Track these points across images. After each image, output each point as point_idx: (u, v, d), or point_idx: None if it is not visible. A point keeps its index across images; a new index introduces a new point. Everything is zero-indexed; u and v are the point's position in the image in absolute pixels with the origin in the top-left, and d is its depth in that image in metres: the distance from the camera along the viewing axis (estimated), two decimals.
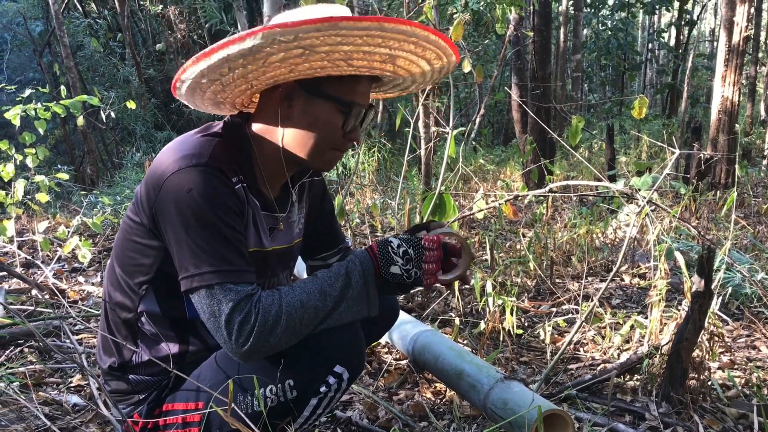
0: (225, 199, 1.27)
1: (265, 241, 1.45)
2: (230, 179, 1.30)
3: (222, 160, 1.30)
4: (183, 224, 1.25)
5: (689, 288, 2.02)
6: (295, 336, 1.27)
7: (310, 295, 1.29)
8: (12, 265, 3.70)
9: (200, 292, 1.24)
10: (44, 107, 3.59)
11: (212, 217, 1.24)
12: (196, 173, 1.25)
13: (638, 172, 5.47)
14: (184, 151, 1.29)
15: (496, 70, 8.89)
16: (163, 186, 1.26)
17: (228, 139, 1.37)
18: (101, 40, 11.92)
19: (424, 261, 1.35)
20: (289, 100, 1.37)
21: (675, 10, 14.64)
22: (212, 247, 1.24)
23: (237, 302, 1.22)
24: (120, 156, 10.70)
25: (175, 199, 1.24)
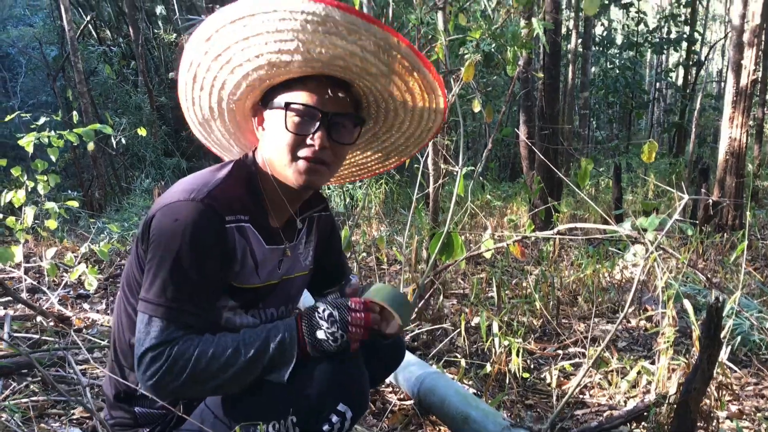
0: (206, 238, 1.31)
1: (262, 275, 1.48)
2: (223, 218, 1.35)
3: (221, 198, 1.35)
4: (158, 247, 1.30)
5: (698, 336, 2.01)
6: (201, 384, 1.30)
7: (225, 349, 1.31)
8: (18, 290, 3.70)
9: (142, 315, 1.30)
10: (57, 135, 3.62)
11: (184, 253, 1.29)
12: (188, 207, 1.30)
13: (645, 212, 5.47)
14: (189, 185, 1.35)
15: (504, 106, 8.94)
16: (159, 212, 1.32)
17: (237, 174, 1.43)
18: (115, 66, 12.07)
19: (349, 323, 1.36)
20: (261, 123, 1.45)
21: (683, 50, 14.75)
22: (171, 281, 1.29)
23: (158, 342, 1.28)
24: (128, 181, 10.76)
25: (161, 225, 1.30)
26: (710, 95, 16.19)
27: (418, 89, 1.44)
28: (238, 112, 1.47)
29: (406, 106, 1.50)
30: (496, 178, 12.83)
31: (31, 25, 14.81)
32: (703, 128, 14.38)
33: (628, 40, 14.57)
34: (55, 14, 12.86)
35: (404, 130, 1.60)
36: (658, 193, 8.92)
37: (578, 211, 7.27)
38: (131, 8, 11.09)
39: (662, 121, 18.39)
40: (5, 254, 3.32)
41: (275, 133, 1.40)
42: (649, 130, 19.10)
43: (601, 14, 13.36)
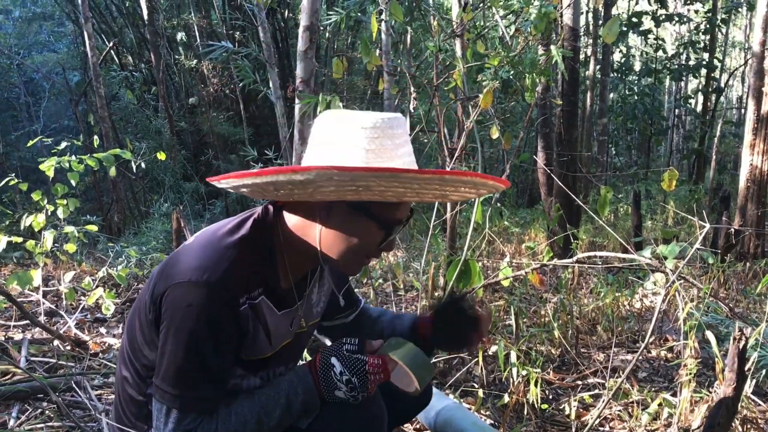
0: (221, 324, 1.27)
1: (275, 342, 1.44)
2: (237, 300, 1.30)
3: (236, 276, 1.29)
4: (170, 332, 1.27)
5: (721, 369, 1.96)
6: None
7: (246, 425, 1.31)
8: (36, 313, 3.72)
9: (158, 403, 1.30)
10: (78, 159, 3.66)
11: (199, 341, 1.26)
12: (202, 292, 1.25)
13: (665, 240, 5.40)
14: (201, 260, 1.28)
15: (522, 131, 8.94)
16: (170, 289, 1.28)
17: (254, 239, 1.36)
18: (136, 92, 12.23)
19: (369, 385, 1.35)
20: (328, 210, 1.34)
21: (702, 77, 14.71)
22: (186, 370, 1.27)
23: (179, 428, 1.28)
24: (147, 205, 10.84)
25: (174, 309, 1.26)
26: (730, 122, 16.10)
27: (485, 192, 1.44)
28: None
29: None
30: (514, 204, 12.78)
31: (55, 51, 15.11)
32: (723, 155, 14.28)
33: (646, 67, 14.55)
34: (79, 41, 13.12)
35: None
36: (677, 220, 8.83)
37: (597, 238, 7.21)
38: (153, 35, 11.27)
39: (681, 147, 18.28)
40: (24, 278, 3.35)
41: (358, 238, 1.34)
42: (668, 156, 19.00)
43: (619, 41, 13.36)
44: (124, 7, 12.63)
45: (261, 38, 7.05)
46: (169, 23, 11.46)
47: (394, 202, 1.31)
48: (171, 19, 11.60)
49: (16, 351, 2.98)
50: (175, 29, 11.69)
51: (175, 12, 11.94)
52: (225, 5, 12.15)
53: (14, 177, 3.99)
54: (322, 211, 1.34)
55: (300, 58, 3.84)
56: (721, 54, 16.93)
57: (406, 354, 1.40)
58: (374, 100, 12.17)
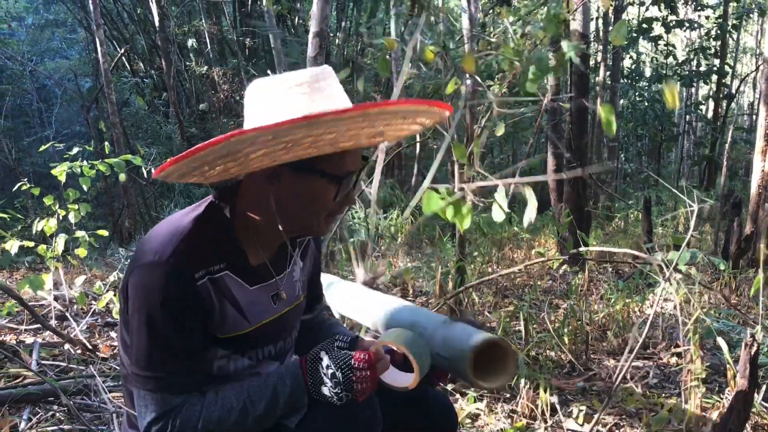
0: (176, 301, 1.27)
1: (252, 318, 1.42)
2: (192, 276, 1.29)
3: (188, 252, 1.29)
4: (133, 316, 1.28)
5: (732, 376, 1.95)
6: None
7: (231, 411, 1.31)
8: (47, 317, 3.74)
9: (136, 390, 1.30)
10: (89, 165, 3.68)
11: (157, 320, 1.26)
12: (154, 270, 1.26)
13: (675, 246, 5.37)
14: (155, 242, 1.29)
15: (532, 137, 8.93)
16: (130, 277, 1.29)
17: (208, 219, 1.36)
18: (147, 98, 12.31)
19: (354, 381, 1.31)
20: (275, 178, 1.33)
21: (713, 83, 14.65)
22: (152, 351, 1.27)
23: (158, 414, 1.28)
24: (158, 210, 10.89)
25: (133, 294, 1.28)
26: (741, 128, 16.02)
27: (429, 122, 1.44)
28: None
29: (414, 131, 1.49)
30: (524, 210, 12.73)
31: (67, 57, 15.22)
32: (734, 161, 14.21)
33: (657, 73, 14.50)
34: (90, 47, 13.21)
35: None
36: (688, 226, 8.78)
37: (607, 244, 7.18)
38: (164, 41, 11.34)
39: (692, 154, 18.20)
40: (36, 282, 3.36)
41: (311, 199, 1.34)
42: (678, 163, 18.91)
43: (629, 47, 13.34)
44: (136, 14, 12.72)
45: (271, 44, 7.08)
46: (179, 30, 11.53)
47: (337, 153, 1.28)
48: (182, 26, 11.67)
49: (27, 354, 3.00)
50: (186, 36, 11.77)
51: (185, 19, 12.01)
52: (235, 12, 12.22)
53: (26, 182, 4.02)
54: (271, 180, 1.33)
55: (309, 64, 3.85)
56: (732, 60, 16.87)
57: (407, 339, 1.39)
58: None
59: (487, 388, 1.34)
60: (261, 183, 1.35)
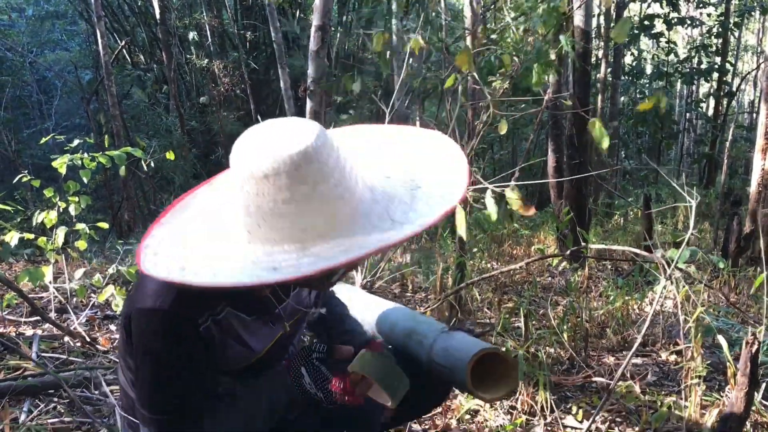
0: (181, 346, 1.27)
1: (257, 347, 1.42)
2: (195, 321, 1.27)
3: (189, 300, 1.25)
4: (140, 360, 1.28)
5: (732, 374, 1.96)
6: None
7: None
8: (47, 309, 3.74)
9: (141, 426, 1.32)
10: (90, 157, 3.68)
11: (163, 366, 1.26)
12: (157, 318, 1.24)
13: (675, 244, 5.37)
14: (156, 284, 1.25)
15: (532, 134, 8.92)
16: (132, 314, 1.28)
17: None
18: (147, 90, 12.28)
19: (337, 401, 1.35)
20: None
21: (714, 81, 14.62)
22: (159, 394, 1.28)
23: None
24: (158, 203, 10.88)
25: (137, 335, 1.27)
26: (742, 126, 16.01)
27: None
28: None
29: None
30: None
31: (67, 49, 15.19)
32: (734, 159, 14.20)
33: (658, 70, 14.49)
34: (91, 39, 13.18)
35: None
36: (688, 224, 8.79)
37: (606, 241, 7.18)
38: (165, 34, 11.31)
39: (692, 151, 18.19)
40: (36, 274, 3.36)
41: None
42: (678, 160, 18.90)
43: (630, 44, 13.31)
44: (137, 6, 12.68)
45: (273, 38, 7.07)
46: (180, 22, 11.49)
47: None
48: (183, 19, 11.63)
49: (27, 346, 3.00)
50: (187, 29, 11.73)
51: (187, 11, 11.97)
52: (237, 5, 12.18)
53: (26, 174, 4.01)
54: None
55: (311, 58, 3.85)
56: (733, 58, 16.84)
57: (373, 367, 1.34)
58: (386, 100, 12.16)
59: (488, 400, 1.33)
60: None
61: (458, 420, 2.46)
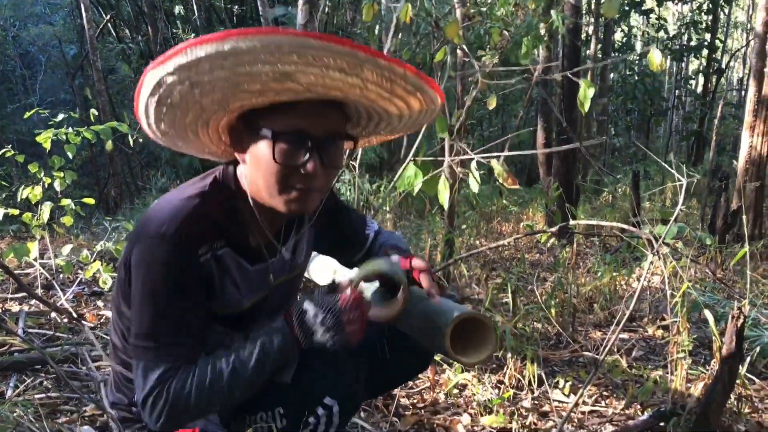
0: (179, 276, 1.28)
1: (248, 296, 1.44)
2: (195, 252, 1.30)
3: (193, 228, 1.28)
4: (138, 291, 1.29)
5: (718, 348, 1.97)
6: (208, 410, 1.34)
7: (222, 375, 1.30)
8: (33, 286, 3.72)
9: (135, 360, 1.31)
10: (75, 132, 3.63)
11: (160, 293, 1.27)
12: (159, 246, 1.26)
13: (663, 221, 5.40)
14: (160, 216, 1.29)
15: (522, 110, 8.90)
16: (134, 249, 1.29)
17: (213, 194, 1.35)
18: (133, 65, 12.14)
19: (345, 324, 1.31)
20: (240, 143, 1.31)
21: (703, 58, 14.63)
22: (153, 323, 1.28)
23: (154, 385, 1.28)
24: (144, 179, 10.81)
25: (137, 266, 1.28)
26: (730, 103, 16.05)
27: (417, 104, 1.32)
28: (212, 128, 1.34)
29: (402, 116, 1.38)
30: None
31: (51, 23, 14.95)
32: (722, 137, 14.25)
33: (647, 47, 14.46)
34: (75, 13, 12.98)
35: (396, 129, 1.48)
36: (675, 201, 8.83)
37: (595, 218, 7.21)
38: (150, 8, 11.16)
39: (681, 128, 18.24)
40: (22, 250, 3.34)
41: (261, 162, 1.27)
42: (667, 137, 18.95)
43: (621, 20, 13.28)
44: None
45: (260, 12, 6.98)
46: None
47: (283, 110, 1.22)
48: None
49: (13, 323, 2.98)
50: (174, 2, 11.57)
51: None
52: None
53: (10, 149, 3.96)
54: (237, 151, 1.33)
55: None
56: (722, 35, 16.83)
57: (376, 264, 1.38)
58: None
59: (466, 364, 1.33)
60: (234, 152, 1.35)
61: (446, 394, 2.47)
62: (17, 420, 1.74)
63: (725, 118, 13.98)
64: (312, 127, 1.25)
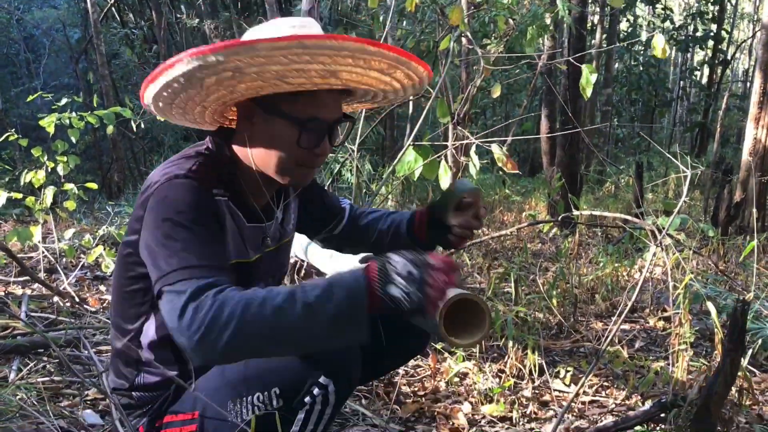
0: (201, 204, 1.31)
1: (250, 251, 1.48)
2: (210, 190, 1.35)
3: (203, 174, 1.34)
4: (158, 231, 1.28)
5: (720, 340, 1.97)
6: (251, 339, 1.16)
7: (277, 294, 1.17)
8: (36, 270, 3.73)
9: (168, 290, 1.22)
10: (78, 117, 3.63)
11: (186, 219, 1.28)
12: (176, 184, 1.30)
13: (666, 212, 5.39)
14: (166, 170, 1.34)
15: (526, 99, 8.87)
16: (148, 205, 1.31)
17: (211, 158, 1.42)
18: (137, 50, 12.10)
19: (429, 283, 1.17)
20: (249, 120, 1.39)
21: (709, 48, 14.55)
22: (185, 248, 1.25)
23: (195, 290, 1.18)
24: (147, 164, 10.81)
25: (154, 210, 1.29)
26: (735, 95, 15.99)
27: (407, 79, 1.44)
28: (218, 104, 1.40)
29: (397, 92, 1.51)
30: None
31: (55, 6, 14.86)
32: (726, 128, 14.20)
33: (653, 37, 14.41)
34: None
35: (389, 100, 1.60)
36: (678, 192, 8.81)
37: (598, 208, 7.20)
38: None
39: (685, 120, 18.18)
40: (24, 234, 3.34)
41: (278, 142, 1.37)
42: (671, 128, 18.89)
43: (626, 10, 13.19)
44: None
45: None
46: None
47: (305, 97, 1.33)
48: None
49: (16, 306, 2.99)
50: None
51: None
52: None
53: (14, 133, 3.95)
54: (246, 123, 1.40)
55: None
56: (729, 26, 16.73)
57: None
58: None
59: (460, 345, 1.32)
60: (240, 124, 1.42)
61: (447, 382, 2.48)
62: (20, 403, 1.75)
63: (730, 110, 13.94)
64: (328, 113, 1.39)
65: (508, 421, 2.21)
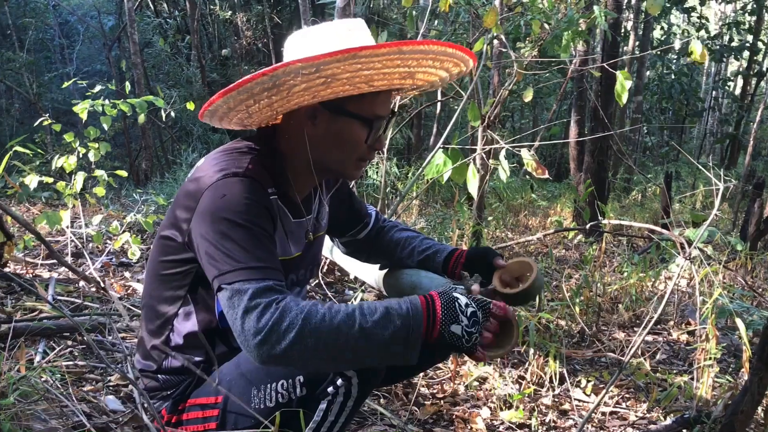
0: (258, 204, 1.33)
1: (293, 248, 1.52)
2: (266, 189, 1.38)
3: (257, 172, 1.37)
4: (216, 228, 1.29)
5: (748, 357, 1.94)
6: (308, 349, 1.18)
7: (338, 312, 1.21)
8: (63, 253, 3.77)
9: (228, 288, 1.24)
10: (111, 104, 3.67)
11: (245, 219, 1.29)
12: (233, 182, 1.32)
13: (694, 224, 5.32)
14: (221, 165, 1.36)
15: (555, 104, 8.81)
16: (202, 197, 1.32)
17: (261, 153, 1.44)
18: (169, 39, 12.20)
19: (486, 328, 1.27)
20: (312, 119, 1.42)
21: (744, 59, 14.32)
22: (243, 248, 1.27)
23: (255, 291, 1.21)
24: (175, 154, 10.89)
25: (211, 206, 1.30)
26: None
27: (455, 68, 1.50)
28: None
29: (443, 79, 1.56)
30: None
31: None
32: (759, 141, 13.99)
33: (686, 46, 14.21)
34: None
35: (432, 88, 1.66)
36: (706, 204, 8.70)
37: (623, 217, 7.13)
38: None
39: (716, 131, 17.92)
40: (54, 218, 3.39)
41: (345, 139, 1.43)
42: (701, 139, 18.64)
43: (661, 17, 13.03)
44: None
45: None
46: None
47: (370, 97, 1.39)
48: None
49: (43, 289, 3.03)
50: None
51: None
52: None
53: (47, 117, 4.01)
54: (308, 122, 1.42)
55: (338, 15, 3.79)
56: (766, 36, 16.46)
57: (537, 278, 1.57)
58: None
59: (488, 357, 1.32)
60: (299, 123, 1.43)
61: (466, 386, 2.47)
62: (45, 386, 1.77)
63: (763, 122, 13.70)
64: (387, 110, 1.47)
65: (527, 429, 2.19)
